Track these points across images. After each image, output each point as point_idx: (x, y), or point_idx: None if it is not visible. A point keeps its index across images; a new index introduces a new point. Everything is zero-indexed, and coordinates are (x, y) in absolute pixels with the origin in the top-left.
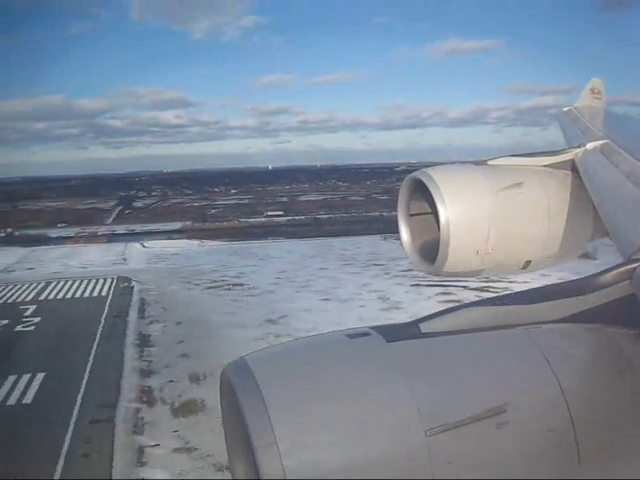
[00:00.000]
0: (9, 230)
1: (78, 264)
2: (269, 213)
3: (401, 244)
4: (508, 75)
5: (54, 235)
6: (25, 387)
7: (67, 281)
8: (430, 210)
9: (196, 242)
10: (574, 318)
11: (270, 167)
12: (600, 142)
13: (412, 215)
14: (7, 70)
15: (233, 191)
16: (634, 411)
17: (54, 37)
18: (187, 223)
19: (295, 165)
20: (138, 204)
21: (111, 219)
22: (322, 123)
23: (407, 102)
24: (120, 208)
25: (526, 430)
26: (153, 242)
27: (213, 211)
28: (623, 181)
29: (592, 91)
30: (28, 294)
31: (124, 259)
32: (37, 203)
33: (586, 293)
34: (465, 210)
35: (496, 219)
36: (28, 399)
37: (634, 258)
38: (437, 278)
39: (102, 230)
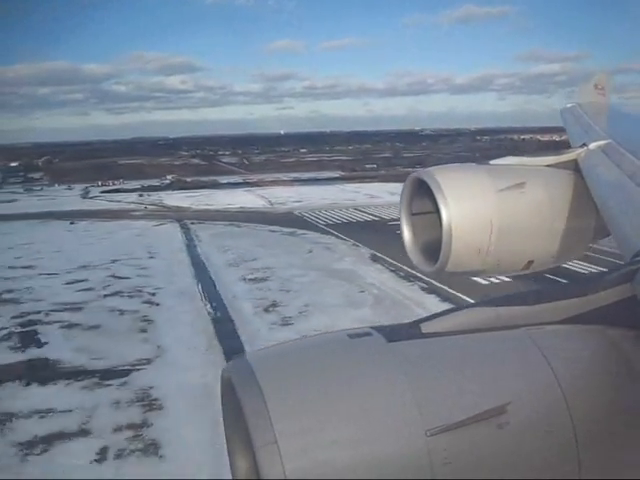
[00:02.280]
0: (170, 177)
1: (340, 199)
2: (367, 166)
3: (403, 244)
4: (520, 42)
5: (223, 181)
6: None
7: (368, 208)
8: (433, 209)
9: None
10: (575, 319)
11: (282, 132)
12: (603, 142)
13: (414, 214)
14: (13, 35)
15: (302, 150)
16: (635, 413)
17: (63, 1)
18: (342, 172)
19: (303, 131)
20: (228, 160)
21: (244, 170)
22: (328, 89)
23: (414, 69)
24: (220, 164)
25: (526, 431)
26: (352, 185)
27: (336, 163)
28: (626, 182)
29: (596, 87)
30: (362, 217)
31: (371, 196)
32: (121, 160)
33: (587, 294)
34: (467, 210)
35: (498, 219)
36: None
37: (636, 260)
38: None
39: (267, 177)
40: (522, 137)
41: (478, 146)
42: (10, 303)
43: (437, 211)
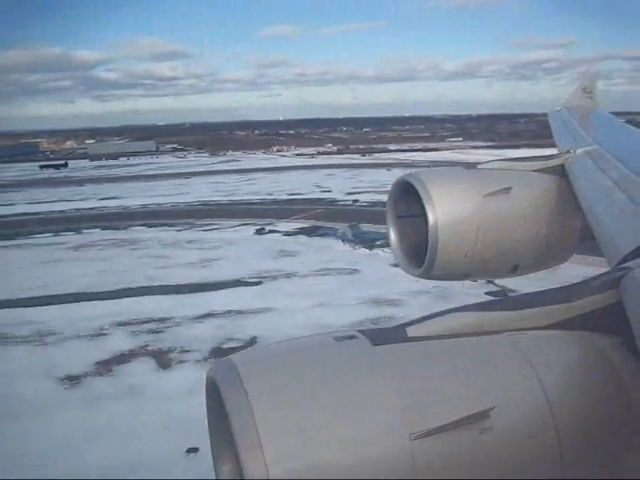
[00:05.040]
0: (329, 145)
1: None
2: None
3: (389, 246)
4: (515, 28)
5: (392, 147)
6: None
7: None
8: (419, 213)
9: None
10: (560, 325)
11: (282, 118)
12: (590, 148)
13: (401, 217)
14: (6, 21)
15: (365, 129)
16: (619, 418)
17: None
18: (491, 143)
19: (300, 118)
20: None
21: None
22: (318, 76)
23: (405, 55)
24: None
25: (509, 436)
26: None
27: (455, 138)
28: (612, 188)
29: (584, 90)
30: None
31: None
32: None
33: (572, 300)
34: (454, 214)
35: (484, 223)
36: None
37: (621, 266)
38: None
39: (425, 146)
40: None
41: (528, 128)
42: None
43: (424, 214)
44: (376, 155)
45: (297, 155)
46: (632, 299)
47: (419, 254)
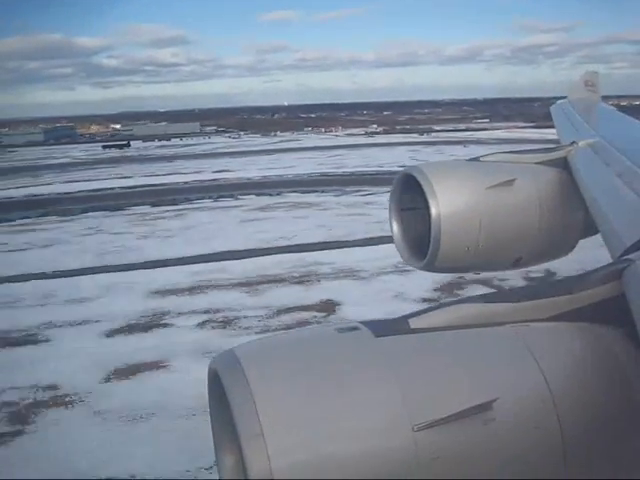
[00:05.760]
0: (374, 126)
1: None
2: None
3: (392, 239)
4: (515, 11)
5: (438, 128)
6: None
7: None
8: (422, 205)
9: None
10: (563, 317)
11: (286, 103)
12: (592, 140)
13: (404, 210)
14: (6, 8)
15: (386, 113)
16: (621, 409)
17: None
18: (531, 123)
19: (303, 103)
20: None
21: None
22: (319, 61)
23: (406, 39)
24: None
25: (513, 427)
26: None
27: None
28: (615, 180)
29: (586, 84)
30: None
31: None
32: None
33: (575, 292)
34: (456, 206)
35: (487, 215)
36: None
37: (624, 258)
38: None
39: (468, 126)
40: None
41: (547, 111)
42: None
43: (427, 207)
44: (433, 134)
45: (349, 135)
46: (635, 291)
47: (422, 247)
